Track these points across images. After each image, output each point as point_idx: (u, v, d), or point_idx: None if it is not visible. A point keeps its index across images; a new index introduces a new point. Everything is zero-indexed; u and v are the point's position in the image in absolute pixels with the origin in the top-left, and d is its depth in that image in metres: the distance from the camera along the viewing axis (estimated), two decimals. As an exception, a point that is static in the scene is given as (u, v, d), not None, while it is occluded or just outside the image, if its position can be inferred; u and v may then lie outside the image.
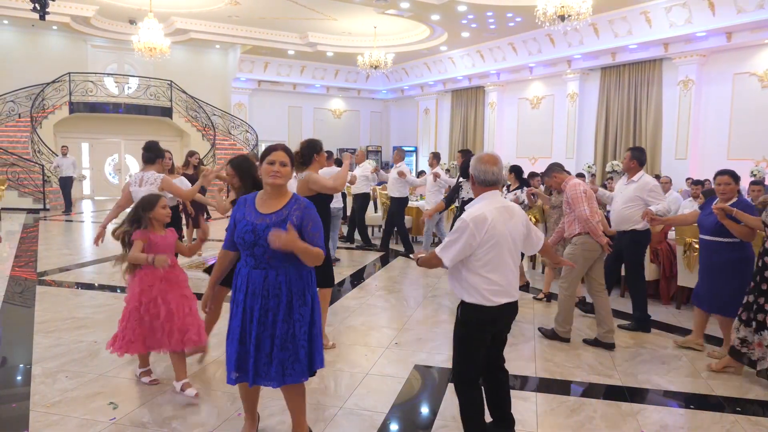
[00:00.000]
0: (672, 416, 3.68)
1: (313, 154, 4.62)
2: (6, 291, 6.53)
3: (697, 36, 12.42)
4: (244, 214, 2.84)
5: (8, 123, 16.95)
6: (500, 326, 3.12)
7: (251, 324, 2.80)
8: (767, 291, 4.03)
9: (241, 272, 2.88)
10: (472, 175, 3.06)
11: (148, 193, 4.17)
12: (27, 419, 3.41)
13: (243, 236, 2.80)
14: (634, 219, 5.34)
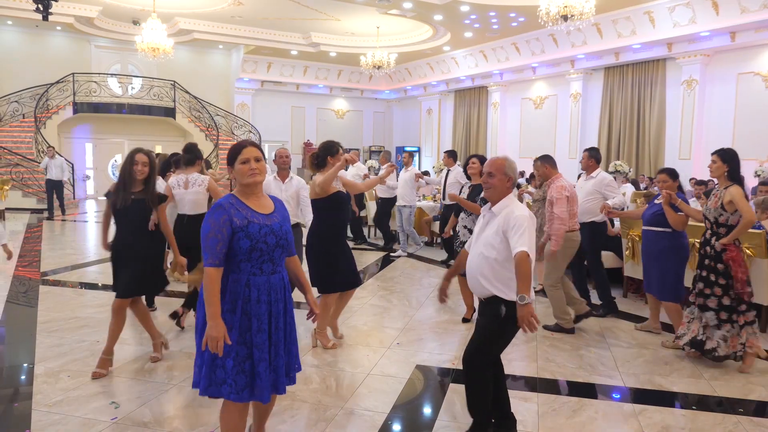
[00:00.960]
0: (674, 417, 3.66)
1: (327, 156, 4.66)
2: (9, 290, 6.56)
3: (700, 36, 12.38)
4: (247, 217, 2.56)
5: (12, 123, 17.02)
6: None
7: (276, 332, 2.64)
8: (706, 277, 4.49)
9: (254, 282, 2.57)
10: (511, 176, 3.08)
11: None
12: (29, 418, 3.42)
13: (265, 239, 2.55)
14: (594, 211, 5.82)
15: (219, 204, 2.54)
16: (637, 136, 14.69)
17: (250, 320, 2.57)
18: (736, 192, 4.35)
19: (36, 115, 16.62)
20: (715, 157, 4.59)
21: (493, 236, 3.01)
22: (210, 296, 2.49)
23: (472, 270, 3.08)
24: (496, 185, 3.07)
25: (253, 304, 2.58)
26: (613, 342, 5.10)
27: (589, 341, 5.12)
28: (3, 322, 5.36)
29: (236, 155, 2.62)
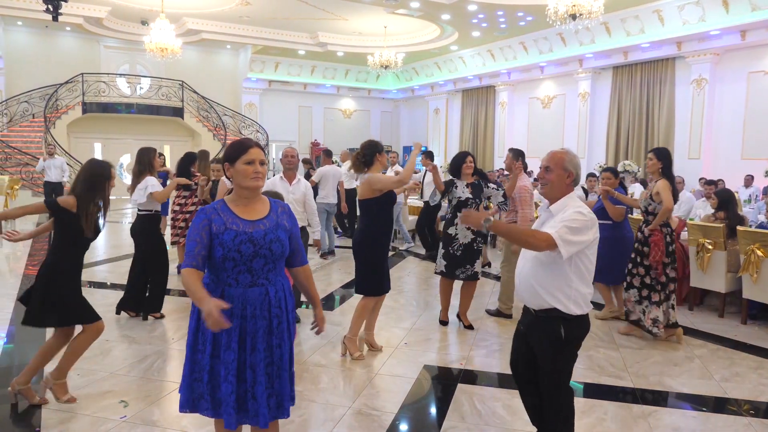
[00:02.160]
0: (684, 419, 3.64)
1: (375, 153, 4.57)
2: (20, 289, 6.59)
3: (710, 34, 12.29)
4: (225, 223, 2.34)
5: (23, 123, 17.15)
6: None
7: (254, 354, 2.36)
8: (633, 258, 5.15)
9: (228, 294, 2.36)
10: (571, 171, 2.73)
11: None
12: (39, 417, 3.44)
13: (238, 248, 2.32)
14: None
15: (202, 209, 2.39)
16: (646, 135, 14.61)
17: (220, 334, 2.33)
18: (663, 185, 4.97)
19: (46, 115, 16.73)
20: (652, 155, 5.12)
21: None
22: (190, 286, 2.24)
23: (525, 276, 2.71)
24: (553, 181, 2.72)
25: (233, 319, 2.33)
26: (622, 343, 5.07)
27: (598, 342, 5.09)
28: (13, 321, 5.39)
29: (240, 153, 2.39)
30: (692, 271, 6.18)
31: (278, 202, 2.56)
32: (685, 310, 6.26)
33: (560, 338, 2.65)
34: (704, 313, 6.14)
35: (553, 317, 2.65)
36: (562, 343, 2.67)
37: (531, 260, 2.71)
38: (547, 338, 2.69)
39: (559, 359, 2.72)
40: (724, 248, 5.84)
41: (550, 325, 2.67)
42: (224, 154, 2.47)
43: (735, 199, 6.80)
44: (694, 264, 6.12)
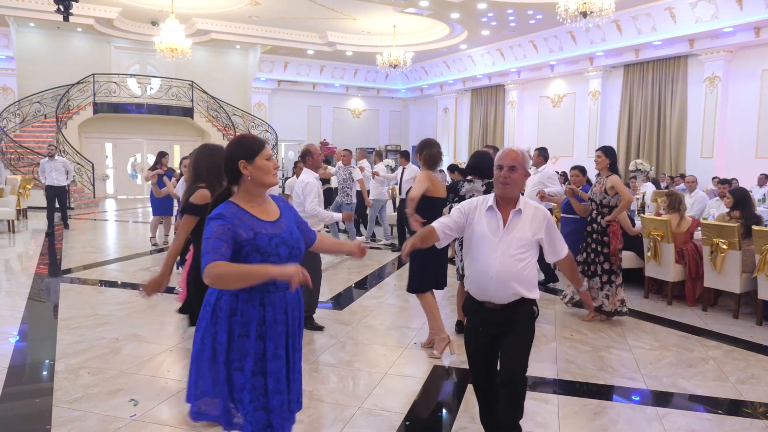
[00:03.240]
0: (699, 421, 3.58)
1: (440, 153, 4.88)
2: (31, 288, 6.63)
3: (723, 31, 12.15)
4: (254, 228, 2.20)
5: (35, 123, 17.27)
6: None
7: (294, 355, 2.32)
8: (594, 249, 5.66)
9: (269, 300, 2.23)
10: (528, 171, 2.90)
11: None
12: (50, 414, 3.45)
13: (277, 251, 2.20)
14: (536, 199, 6.57)
15: (219, 213, 2.16)
16: (658, 134, 14.48)
17: (266, 345, 2.22)
18: (616, 180, 5.52)
19: (57, 116, 16.84)
20: (600, 152, 5.65)
21: (526, 237, 2.76)
22: (238, 270, 2.07)
23: (502, 274, 2.74)
24: (517, 180, 2.80)
25: (269, 326, 2.22)
26: (635, 344, 5.01)
27: (610, 342, 5.04)
28: (25, 319, 5.42)
29: (259, 149, 2.27)
30: (706, 271, 6.09)
31: (273, 195, 2.46)
32: (698, 310, 6.18)
33: (534, 316, 2.84)
34: (718, 314, 6.05)
35: (524, 301, 2.80)
36: (533, 320, 2.85)
37: (507, 260, 2.74)
38: (523, 317, 2.81)
39: (530, 336, 2.85)
40: (738, 248, 5.75)
41: (524, 307, 2.80)
42: (238, 150, 2.26)
43: (751, 198, 6.71)
44: (707, 264, 6.03)
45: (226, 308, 2.19)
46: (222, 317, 2.19)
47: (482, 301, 2.82)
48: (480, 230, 2.81)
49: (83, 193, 16.27)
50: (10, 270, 7.69)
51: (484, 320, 2.85)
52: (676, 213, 6.44)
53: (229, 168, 2.27)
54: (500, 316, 2.80)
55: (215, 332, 2.20)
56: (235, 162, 2.24)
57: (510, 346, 2.79)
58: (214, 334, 2.20)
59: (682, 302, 6.42)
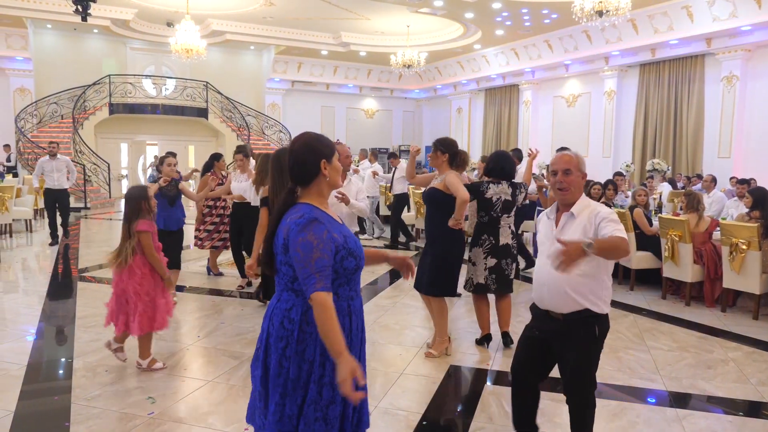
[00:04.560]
0: (720, 423, 3.53)
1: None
2: (48, 286, 6.70)
3: (742, 30, 11.99)
4: (341, 230, 2.06)
5: (51, 124, 17.48)
6: None
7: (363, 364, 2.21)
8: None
9: (354, 308, 2.12)
10: (585, 173, 2.76)
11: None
12: (68, 412, 3.47)
13: (362, 255, 2.12)
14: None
15: (313, 217, 1.97)
16: (674, 134, 14.32)
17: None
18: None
19: (74, 116, 17.03)
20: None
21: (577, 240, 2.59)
22: (332, 326, 1.88)
23: (554, 281, 2.63)
24: (574, 183, 2.68)
25: (354, 336, 2.11)
26: (653, 344, 4.96)
27: (628, 343, 4.98)
28: (42, 318, 5.47)
29: (334, 148, 2.14)
30: (725, 271, 6.02)
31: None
32: (717, 311, 6.10)
33: (596, 336, 2.68)
34: (737, 315, 5.97)
35: (586, 317, 2.65)
36: (597, 341, 2.71)
37: None
38: (584, 339, 2.69)
39: (595, 357, 2.74)
40: (758, 248, 5.67)
41: (586, 326, 2.67)
42: (323, 149, 2.08)
43: (770, 198, 6.60)
44: (727, 264, 5.95)
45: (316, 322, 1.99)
46: (310, 332, 2.00)
47: (545, 309, 2.78)
48: (539, 238, 2.83)
49: (99, 193, 16.43)
50: (27, 269, 7.77)
51: (543, 327, 2.80)
52: (694, 213, 6.37)
53: (308, 167, 2.07)
54: (560, 326, 2.71)
55: (302, 350, 2.01)
56: (318, 161, 2.07)
57: (572, 368, 2.73)
58: (301, 352, 2.01)
59: (700, 303, 6.35)
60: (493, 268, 4.64)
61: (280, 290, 2.10)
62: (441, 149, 4.58)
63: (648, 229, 6.91)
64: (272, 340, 2.05)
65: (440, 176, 4.57)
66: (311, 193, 2.09)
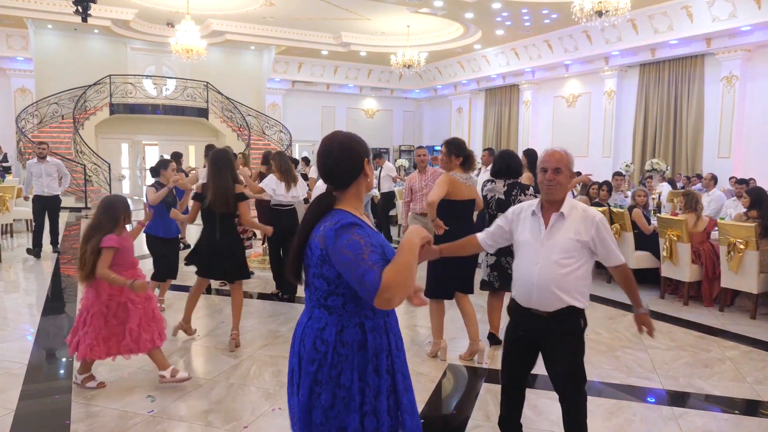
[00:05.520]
0: (716, 421, 3.55)
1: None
2: (49, 286, 6.73)
3: (741, 30, 12.00)
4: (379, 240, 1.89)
5: (52, 124, 17.50)
6: None
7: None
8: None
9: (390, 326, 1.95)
10: (573, 172, 2.80)
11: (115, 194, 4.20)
12: (69, 410, 3.50)
13: None
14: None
15: (350, 221, 1.82)
16: (674, 134, 14.33)
17: (394, 378, 1.90)
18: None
19: (74, 116, 17.05)
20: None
21: (570, 242, 2.64)
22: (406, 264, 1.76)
23: (544, 281, 2.65)
24: (563, 182, 2.68)
25: (395, 356, 1.92)
26: (651, 344, 4.97)
27: (626, 342, 5.01)
28: (43, 317, 5.50)
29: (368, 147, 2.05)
30: (723, 271, 6.03)
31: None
32: (715, 311, 6.12)
33: (581, 330, 2.75)
34: (735, 315, 5.99)
35: (570, 312, 2.69)
36: (582, 334, 2.76)
37: (549, 265, 2.65)
38: (569, 333, 2.73)
39: (581, 350, 2.78)
40: (756, 248, 5.69)
41: (571, 321, 2.71)
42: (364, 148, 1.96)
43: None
44: (725, 264, 5.97)
45: (352, 343, 1.84)
46: (346, 354, 1.84)
47: (528, 307, 2.78)
48: (523, 237, 2.78)
49: (100, 193, 16.44)
50: (28, 269, 7.80)
51: (529, 327, 2.80)
52: (692, 213, 6.39)
53: (350, 169, 1.91)
54: (545, 325, 2.73)
55: (337, 374, 1.83)
56: (361, 161, 1.92)
57: (557, 369, 2.76)
58: (336, 377, 1.83)
59: (698, 302, 6.37)
60: (494, 265, 4.68)
61: (311, 306, 1.91)
62: (455, 153, 4.48)
63: (647, 229, 6.93)
64: (303, 363, 1.88)
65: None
66: (349, 196, 1.93)
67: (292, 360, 1.95)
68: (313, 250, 1.85)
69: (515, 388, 2.98)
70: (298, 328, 1.95)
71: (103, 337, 3.67)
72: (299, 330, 1.94)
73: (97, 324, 3.65)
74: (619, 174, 9.35)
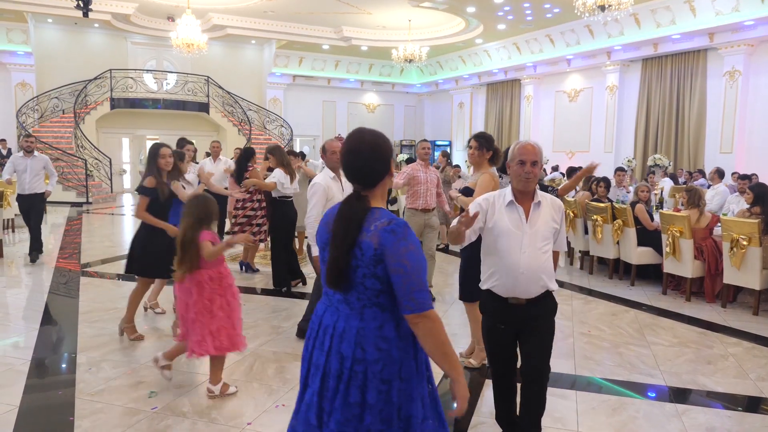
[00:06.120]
0: (719, 418, 3.55)
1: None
2: (51, 282, 6.73)
3: (744, 25, 11.96)
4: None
5: (53, 119, 17.50)
6: None
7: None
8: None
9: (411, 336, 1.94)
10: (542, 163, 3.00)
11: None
12: (73, 406, 3.50)
13: None
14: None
15: (404, 222, 1.83)
16: (676, 129, 14.30)
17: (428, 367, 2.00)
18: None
19: (75, 111, 17.04)
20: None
21: (548, 228, 2.82)
22: (449, 344, 1.82)
23: (532, 268, 2.75)
24: (538, 174, 2.83)
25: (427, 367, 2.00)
26: (653, 340, 4.98)
27: (628, 339, 5.00)
28: (46, 313, 5.50)
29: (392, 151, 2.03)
30: (725, 267, 6.02)
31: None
32: (717, 307, 6.11)
33: (556, 307, 2.92)
34: (737, 311, 5.98)
35: (548, 295, 2.86)
36: (555, 314, 2.91)
37: (535, 253, 2.77)
38: (547, 314, 2.87)
39: (553, 332, 2.91)
40: (759, 244, 5.68)
41: (546, 301, 2.86)
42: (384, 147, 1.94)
43: (771, 194, 6.61)
44: (727, 260, 5.96)
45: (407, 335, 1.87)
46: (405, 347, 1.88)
47: (506, 297, 2.82)
48: (503, 226, 2.81)
49: (101, 188, 16.46)
50: (30, 264, 7.80)
51: (507, 318, 2.85)
52: (695, 209, 6.38)
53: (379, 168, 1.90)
54: (523, 311, 2.82)
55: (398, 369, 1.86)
56: (388, 160, 1.92)
57: (536, 344, 2.84)
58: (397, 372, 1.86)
59: (700, 298, 6.36)
60: None
61: (361, 306, 1.86)
62: (486, 146, 4.26)
63: (649, 225, 6.92)
64: (359, 368, 1.83)
65: (476, 174, 4.30)
66: (376, 195, 1.92)
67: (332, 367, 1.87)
68: (365, 250, 1.81)
69: (505, 382, 3.01)
70: (350, 334, 1.86)
71: (211, 331, 3.59)
72: (351, 335, 1.86)
73: (205, 319, 3.59)
74: (621, 169, 9.34)
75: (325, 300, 1.99)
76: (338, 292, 1.90)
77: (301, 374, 2.02)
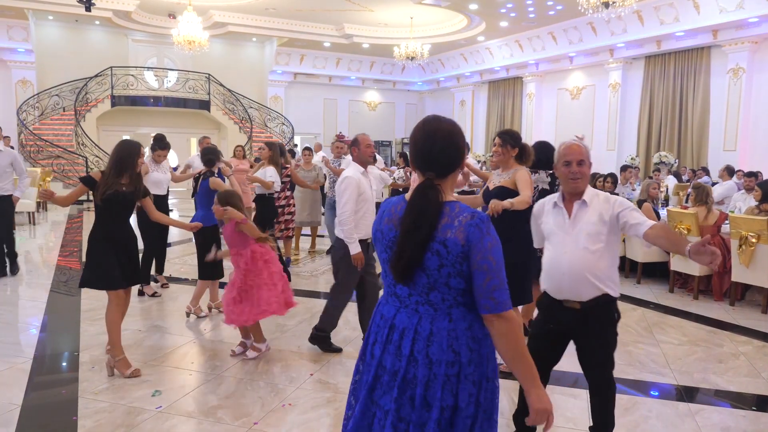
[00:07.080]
0: (734, 418, 3.49)
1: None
2: (53, 280, 6.67)
3: (749, 22, 11.89)
4: None
5: (53, 116, 17.43)
6: None
7: None
8: None
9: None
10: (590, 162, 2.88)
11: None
12: (76, 405, 3.45)
13: None
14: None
15: (486, 216, 1.73)
16: (680, 127, 14.24)
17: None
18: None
19: (76, 108, 16.97)
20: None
21: (596, 226, 2.67)
22: (526, 352, 1.72)
23: (575, 268, 2.66)
24: (586, 173, 2.76)
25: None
26: (662, 338, 4.92)
27: (637, 337, 4.95)
28: (48, 311, 5.45)
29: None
30: (734, 264, 5.97)
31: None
32: (725, 305, 6.05)
33: (614, 321, 2.78)
34: (746, 309, 5.93)
35: (604, 303, 2.71)
36: (615, 325, 2.80)
37: (579, 252, 2.68)
38: (605, 323, 2.76)
39: (614, 342, 2.82)
40: (768, 242, 5.62)
41: (605, 311, 2.74)
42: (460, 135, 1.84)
43: (780, 191, 6.56)
44: (735, 258, 5.91)
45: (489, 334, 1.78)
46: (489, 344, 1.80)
47: (560, 299, 2.77)
48: (548, 228, 2.83)
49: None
50: (31, 262, 7.75)
51: (560, 320, 2.80)
52: (703, 206, 6.32)
53: (455, 157, 1.81)
54: (578, 317, 2.73)
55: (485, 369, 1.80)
56: (463, 148, 1.84)
57: (589, 355, 2.83)
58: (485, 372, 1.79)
59: (708, 297, 6.31)
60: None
61: (447, 307, 1.74)
62: (511, 143, 4.08)
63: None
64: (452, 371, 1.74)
65: (505, 173, 4.09)
66: (447, 186, 1.80)
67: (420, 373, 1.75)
68: (450, 247, 1.68)
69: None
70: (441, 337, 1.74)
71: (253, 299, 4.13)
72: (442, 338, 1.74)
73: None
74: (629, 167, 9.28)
75: (394, 301, 1.83)
76: (415, 293, 1.76)
77: (363, 381, 1.90)
